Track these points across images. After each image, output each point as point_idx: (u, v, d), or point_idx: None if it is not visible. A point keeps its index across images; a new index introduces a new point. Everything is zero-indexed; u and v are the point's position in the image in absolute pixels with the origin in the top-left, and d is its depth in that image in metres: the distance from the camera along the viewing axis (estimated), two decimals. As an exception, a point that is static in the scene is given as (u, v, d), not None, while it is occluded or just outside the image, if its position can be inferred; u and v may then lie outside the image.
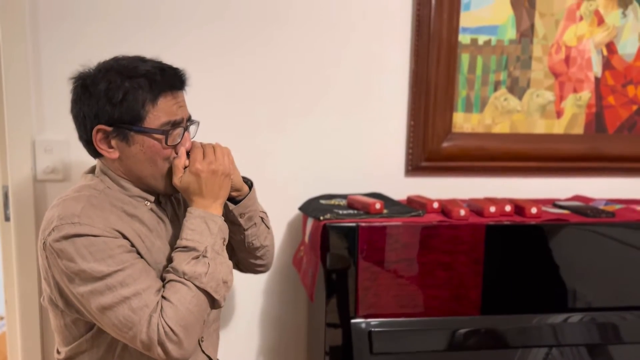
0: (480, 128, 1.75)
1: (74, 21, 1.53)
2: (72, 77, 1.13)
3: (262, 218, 1.32)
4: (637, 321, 1.52)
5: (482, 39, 1.71)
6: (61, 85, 1.51)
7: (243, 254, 1.32)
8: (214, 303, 1.09)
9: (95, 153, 1.14)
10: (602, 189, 1.82)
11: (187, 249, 1.08)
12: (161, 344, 1.02)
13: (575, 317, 1.51)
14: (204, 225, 1.10)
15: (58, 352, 1.19)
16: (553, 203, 1.70)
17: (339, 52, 1.66)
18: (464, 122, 1.74)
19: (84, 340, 1.13)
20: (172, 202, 1.24)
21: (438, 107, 1.70)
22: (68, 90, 1.13)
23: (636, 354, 1.50)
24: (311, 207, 1.57)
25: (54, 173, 1.58)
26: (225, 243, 1.15)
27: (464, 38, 1.69)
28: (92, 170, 1.20)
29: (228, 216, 1.21)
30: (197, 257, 1.07)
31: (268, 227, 1.35)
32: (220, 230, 1.13)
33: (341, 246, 1.42)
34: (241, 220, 1.25)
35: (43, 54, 1.53)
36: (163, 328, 1.01)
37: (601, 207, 1.66)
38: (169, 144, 1.11)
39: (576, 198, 1.79)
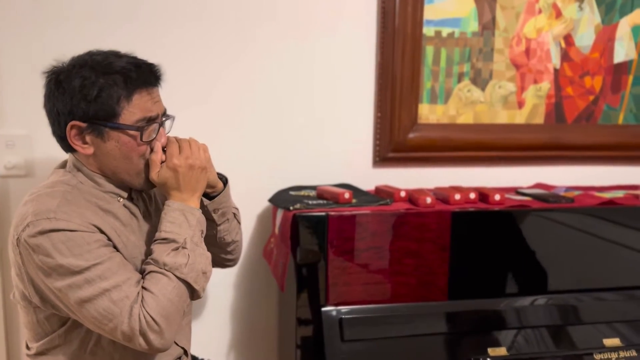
0: (445, 119, 1.79)
1: (34, 16, 1.49)
2: (45, 72, 1.10)
3: (234, 214, 1.33)
4: (594, 302, 1.59)
5: (445, 32, 1.74)
6: (22, 79, 1.50)
7: (213, 249, 1.32)
8: (193, 293, 1.10)
9: (68, 148, 1.12)
10: (562, 176, 1.88)
11: (166, 240, 1.08)
12: (143, 334, 1.01)
13: (538, 300, 1.56)
14: (183, 218, 1.11)
15: (28, 348, 1.17)
16: (516, 191, 1.76)
17: (306, 46, 1.67)
18: (429, 113, 1.77)
19: (57, 335, 1.11)
20: (143, 199, 1.24)
21: (404, 99, 1.73)
22: (30, 84, 1.10)
23: (592, 334, 1.55)
24: (281, 199, 1.58)
25: (17, 168, 1.55)
26: (204, 235, 1.15)
27: (428, 30, 1.73)
28: (63, 165, 1.18)
29: (202, 212, 1.21)
30: (176, 249, 1.07)
31: (239, 223, 1.36)
32: (198, 222, 1.13)
33: (311, 236, 1.43)
34: (214, 216, 1.26)
35: (3, 47, 1.49)
36: (144, 318, 1.01)
37: (561, 193, 1.72)
38: (144, 140, 1.10)
39: (538, 186, 1.84)
